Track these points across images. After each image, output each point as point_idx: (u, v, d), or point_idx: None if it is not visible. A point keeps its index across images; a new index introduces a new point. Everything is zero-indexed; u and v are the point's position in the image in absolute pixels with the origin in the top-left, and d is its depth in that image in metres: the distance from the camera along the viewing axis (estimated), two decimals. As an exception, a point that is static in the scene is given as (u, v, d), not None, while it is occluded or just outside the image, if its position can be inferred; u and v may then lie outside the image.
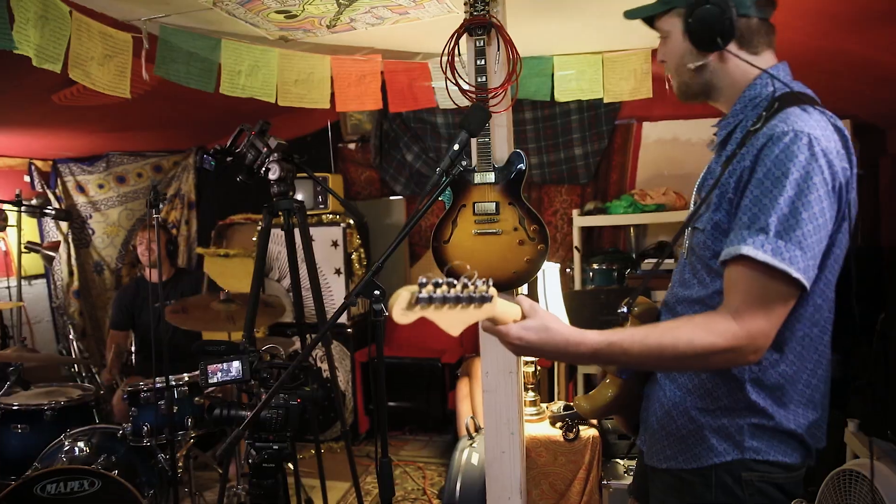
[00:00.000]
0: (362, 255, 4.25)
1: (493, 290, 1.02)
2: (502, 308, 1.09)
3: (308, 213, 4.12)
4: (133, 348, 3.64)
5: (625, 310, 1.33)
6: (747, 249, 1.08)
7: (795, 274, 1.06)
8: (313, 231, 4.09)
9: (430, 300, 0.98)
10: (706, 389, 1.25)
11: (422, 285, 0.97)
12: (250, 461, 1.86)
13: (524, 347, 1.14)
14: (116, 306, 3.59)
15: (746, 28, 1.25)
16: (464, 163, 1.39)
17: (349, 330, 4.07)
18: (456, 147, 1.38)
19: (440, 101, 3.51)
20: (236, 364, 1.79)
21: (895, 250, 3.40)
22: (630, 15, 1.35)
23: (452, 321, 1.03)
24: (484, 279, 1.02)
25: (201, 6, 2.62)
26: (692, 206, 1.38)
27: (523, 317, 1.14)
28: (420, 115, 4.39)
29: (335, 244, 4.09)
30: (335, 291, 4.06)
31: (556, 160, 4.23)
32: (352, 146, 4.85)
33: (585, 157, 4.20)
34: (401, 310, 1.00)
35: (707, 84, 1.29)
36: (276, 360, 1.97)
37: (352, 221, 4.12)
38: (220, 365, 1.78)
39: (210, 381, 1.77)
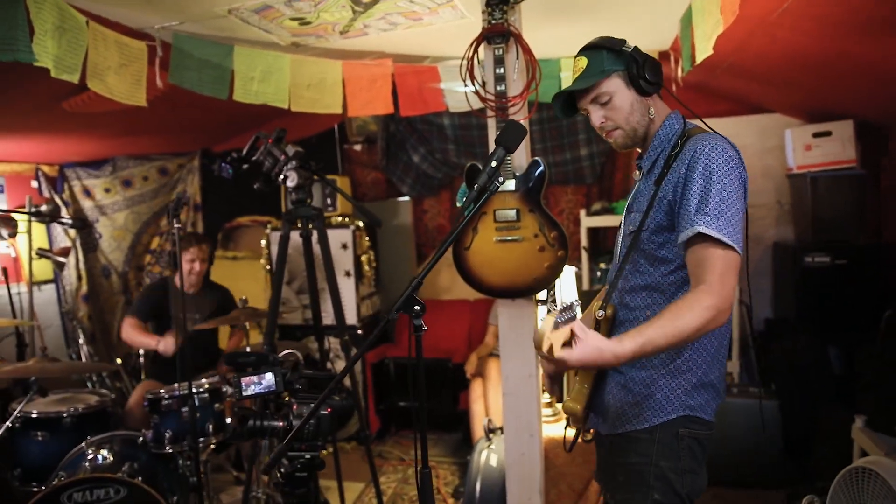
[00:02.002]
0: (371, 257, 4.27)
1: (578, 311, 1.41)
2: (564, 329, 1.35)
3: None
4: (141, 350, 3.63)
5: (601, 313, 1.61)
6: (701, 228, 1.40)
7: (735, 245, 1.40)
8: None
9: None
10: (666, 358, 1.56)
11: (562, 310, 1.44)
12: (282, 470, 1.89)
13: (582, 367, 1.44)
14: (146, 299, 3.55)
15: None
16: (500, 179, 1.42)
17: (359, 331, 4.10)
18: (493, 164, 1.41)
19: (450, 105, 3.53)
20: (269, 376, 1.82)
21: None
22: (564, 95, 1.63)
23: (556, 337, 1.32)
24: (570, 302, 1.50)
25: (216, 14, 2.63)
26: (623, 223, 1.69)
27: (573, 335, 1.34)
28: (427, 117, 4.41)
29: (344, 246, 4.11)
30: (345, 293, 4.08)
31: (562, 161, 4.26)
32: (358, 147, 4.86)
33: (591, 158, 4.24)
34: (549, 333, 1.31)
35: (649, 126, 1.61)
36: (303, 368, 1.99)
37: (361, 224, 4.14)
38: (253, 377, 1.80)
39: (245, 393, 1.80)
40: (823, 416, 3.28)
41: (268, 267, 4.28)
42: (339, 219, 4.17)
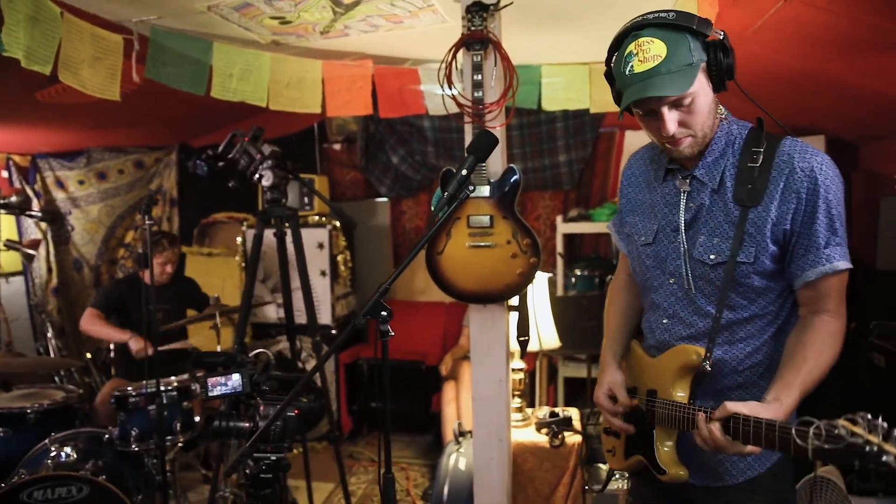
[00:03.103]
0: (347, 258, 4.26)
1: None
2: None
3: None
4: (112, 346, 3.59)
5: (706, 365, 1.40)
6: (841, 264, 1.32)
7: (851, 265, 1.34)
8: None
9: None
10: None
11: None
12: (248, 472, 1.88)
13: None
14: (106, 294, 3.50)
15: None
16: (471, 187, 1.42)
17: (333, 331, 4.09)
18: (464, 172, 1.41)
19: (430, 108, 3.53)
20: (236, 377, 1.80)
21: (865, 262, 3.53)
22: (658, 94, 1.28)
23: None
24: None
25: (195, 10, 2.61)
26: (668, 239, 1.46)
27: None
28: (407, 118, 4.41)
29: (321, 246, 4.10)
30: (320, 293, 4.06)
31: (541, 166, 4.29)
32: (337, 147, 4.85)
33: (569, 164, 4.27)
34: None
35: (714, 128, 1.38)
36: (272, 369, 1.98)
37: (337, 224, 4.13)
38: (219, 378, 1.79)
39: (210, 394, 1.78)
40: (788, 426, 3.34)
41: (243, 264, 4.25)
42: (316, 218, 4.16)
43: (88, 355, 4.18)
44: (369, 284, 4.64)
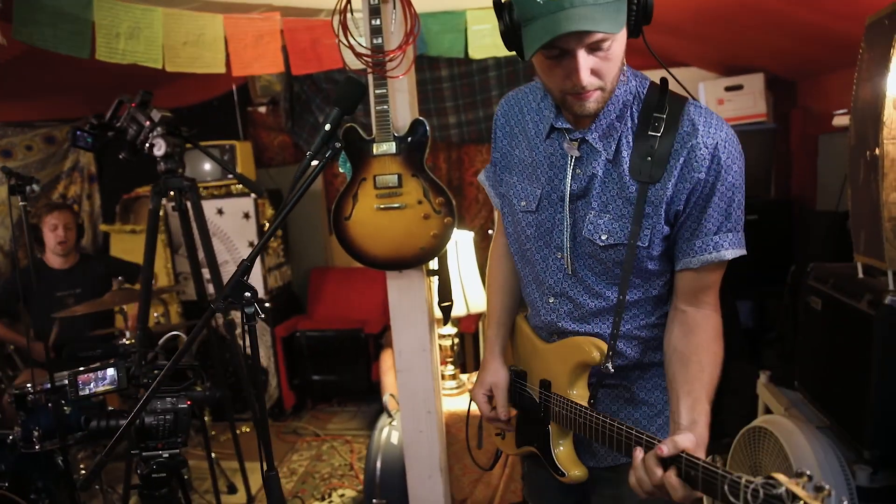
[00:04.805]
0: (277, 226, 4.05)
1: None
2: None
3: (216, 184, 3.89)
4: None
5: (609, 366, 1.25)
6: (729, 253, 1.18)
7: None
8: (223, 203, 3.87)
9: None
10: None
11: None
12: (139, 472, 1.72)
13: None
14: (2, 288, 3.30)
15: None
16: (337, 144, 1.24)
17: (267, 304, 3.89)
18: (327, 127, 1.23)
19: (349, 62, 3.29)
20: (110, 371, 1.62)
21: (805, 202, 3.46)
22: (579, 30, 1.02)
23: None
24: None
25: (61, -41, 2.32)
26: (569, 200, 1.25)
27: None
28: (331, 75, 4.15)
29: (247, 216, 3.87)
30: (250, 266, 3.86)
31: (475, 118, 4.09)
32: (262, 110, 4.57)
33: (505, 116, 4.08)
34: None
35: None
36: (160, 360, 1.80)
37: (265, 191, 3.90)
38: (91, 374, 1.60)
39: (81, 392, 1.60)
40: (732, 372, 3.29)
41: (164, 239, 4.00)
42: (240, 187, 3.92)
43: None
44: (306, 252, 4.44)
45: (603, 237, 1.21)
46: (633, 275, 1.23)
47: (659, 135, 1.15)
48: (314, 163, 1.29)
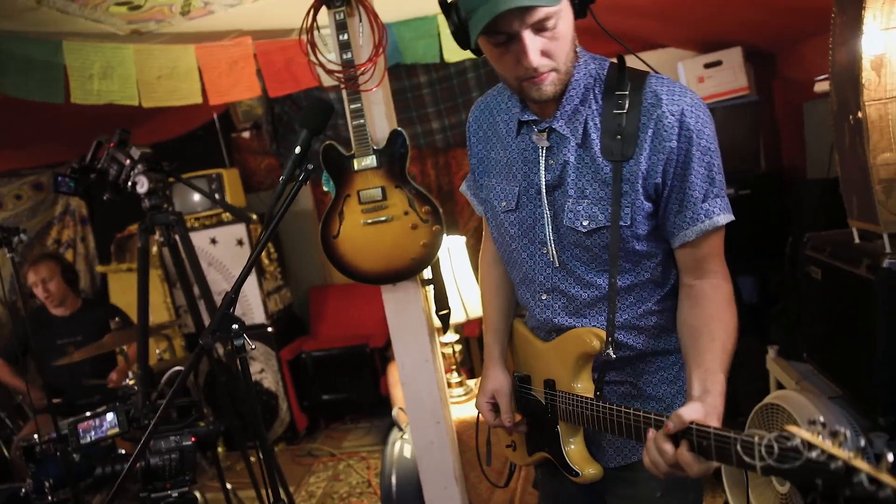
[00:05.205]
0: (271, 250, 4.04)
1: None
2: None
3: (207, 213, 3.88)
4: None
5: (609, 353, 1.22)
6: (722, 219, 1.16)
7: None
8: (215, 232, 3.86)
9: None
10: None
11: None
12: (149, 513, 1.70)
13: None
14: (11, 337, 3.30)
15: None
16: (309, 166, 1.22)
17: (269, 329, 3.89)
18: (297, 150, 1.22)
19: (325, 79, 3.28)
20: (109, 416, 1.61)
21: (796, 172, 3.44)
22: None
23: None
24: None
25: (25, 6, 2.31)
26: (545, 192, 1.24)
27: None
28: (311, 92, 4.14)
29: (240, 242, 3.86)
30: (247, 291, 3.85)
31: (458, 122, 4.08)
32: (246, 135, 4.56)
33: (488, 116, 4.06)
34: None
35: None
36: (160, 400, 1.79)
37: (255, 216, 3.89)
38: (90, 421, 1.59)
39: (82, 441, 1.59)
40: (741, 350, 3.27)
41: (160, 274, 3.99)
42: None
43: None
44: (303, 273, 4.43)
45: (584, 223, 1.19)
46: (622, 259, 1.21)
47: (625, 111, 1.15)
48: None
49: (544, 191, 1.23)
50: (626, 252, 1.21)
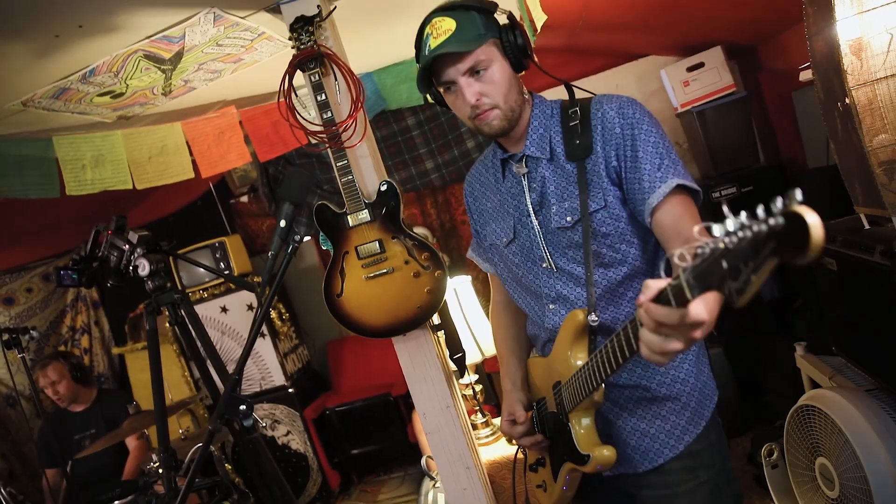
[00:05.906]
0: (283, 310, 4.02)
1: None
2: None
3: (214, 283, 3.89)
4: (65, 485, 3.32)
5: (594, 318, 1.33)
6: (677, 179, 1.25)
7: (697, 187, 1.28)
8: (225, 300, 3.86)
9: None
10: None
11: None
12: None
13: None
14: (40, 444, 3.30)
15: None
16: (296, 237, 1.21)
17: (290, 390, 3.85)
18: (283, 224, 1.21)
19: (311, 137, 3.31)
20: (130, 510, 1.58)
21: (795, 163, 3.40)
22: (436, 53, 1.29)
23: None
24: None
25: (10, 110, 2.35)
26: (531, 221, 1.41)
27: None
28: (301, 150, 4.18)
29: (251, 307, 3.85)
30: (264, 355, 3.83)
31: (451, 158, 4.08)
32: (244, 199, 4.59)
33: (479, 149, 4.07)
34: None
35: (523, 107, 1.38)
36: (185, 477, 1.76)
37: (259, 279, 3.89)
38: (111, 518, 1.56)
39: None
40: (767, 350, 3.19)
41: (176, 349, 3.99)
42: (239, 280, 3.91)
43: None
44: (317, 329, 4.41)
45: (567, 219, 1.35)
46: (598, 241, 1.33)
47: (578, 121, 1.35)
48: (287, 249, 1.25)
49: (532, 212, 1.40)
50: (603, 235, 1.33)
